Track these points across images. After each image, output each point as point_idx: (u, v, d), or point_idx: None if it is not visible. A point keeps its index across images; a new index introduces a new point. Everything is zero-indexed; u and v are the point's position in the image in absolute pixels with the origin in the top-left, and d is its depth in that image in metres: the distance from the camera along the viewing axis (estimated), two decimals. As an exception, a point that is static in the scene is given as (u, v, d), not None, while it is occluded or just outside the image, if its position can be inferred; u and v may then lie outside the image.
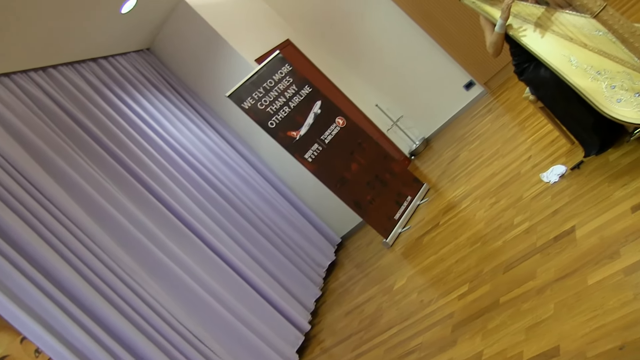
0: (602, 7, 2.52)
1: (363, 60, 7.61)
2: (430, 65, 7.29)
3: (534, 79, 3.26)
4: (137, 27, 5.85)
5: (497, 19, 3.23)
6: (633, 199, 2.62)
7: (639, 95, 2.66)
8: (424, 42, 7.11)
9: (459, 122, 7.26)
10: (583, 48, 2.91)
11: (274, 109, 5.33)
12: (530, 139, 4.53)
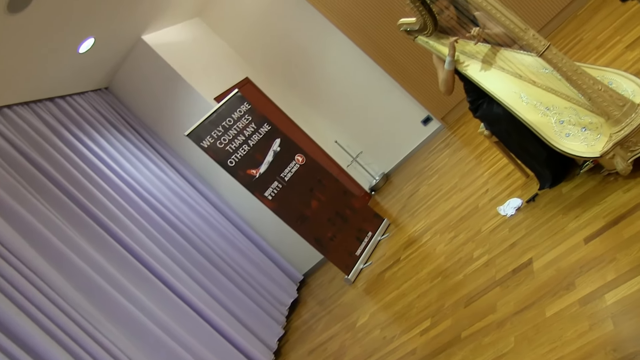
0: (546, 47, 2.62)
1: (322, 98, 7.70)
2: (388, 101, 7.42)
3: (488, 115, 3.34)
4: (95, 67, 5.81)
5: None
6: (585, 230, 2.68)
7: (586, 129, 2.76)
8: (382, 79, 7.24)
9: (418, 157, 7.36)
10: (532, 85, 3.02)
11: (233, 147, 5.32)
12: (487, 172, 4.62)
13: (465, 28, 3.35)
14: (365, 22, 6.88)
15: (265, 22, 7.41)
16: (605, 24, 5.06)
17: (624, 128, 2.58)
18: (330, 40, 7.26)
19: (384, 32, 6.79)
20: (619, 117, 2.60)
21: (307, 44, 7.41)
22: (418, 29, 3.48)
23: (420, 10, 3.30)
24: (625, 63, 3.94)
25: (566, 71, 2.65)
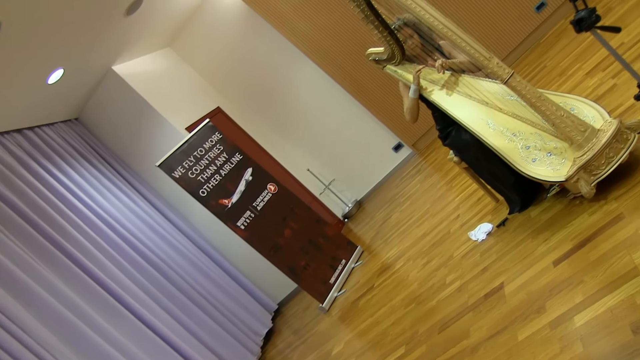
0: (510, 74, 2.69)
1: (294, 126, 7.74)
2: (359, 128, 7.49)
3: (457, 142, 3.40)
4: (65, 97, 5.77)
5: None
6: (554, 254, 2.73)
7: (551, 154, 2.83)
8: (353, 107, 7.32)
9: (390, 184, 7.42)
10: (499, 112, 3.09)
11: (205, 177, 5.31)
12: (458, 198, 4.68)
13: (432, 56, 3.44)
14: (335, 51, 6.97)
15: (236, 51, 7.46)
16: (567, 51, 5.21)
17: (586, 152, 2.65)
18: (301, 69, 7.33)
19: (354, 60, 6.89)
20: (581, 142, 2.68)
21: (278, 73, 7.48)
22: (386, 58, 3.54)
23: (388, 40, 3.37)
24: (586, 89, 4.06)
25: (530, 98, 2.72)
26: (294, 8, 6.86)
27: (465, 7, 6.46)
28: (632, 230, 2.35)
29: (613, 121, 2.70)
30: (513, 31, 6.53)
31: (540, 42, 6.39)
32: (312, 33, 6.95)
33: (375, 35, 3.36)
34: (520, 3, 6.37)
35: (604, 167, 2.65)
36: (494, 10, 6.45)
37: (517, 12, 6.43)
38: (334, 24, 6.79)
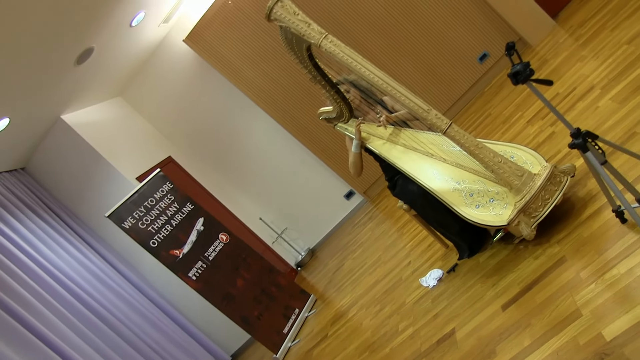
0: (448, 125, 2.81)
1: (246, 175, 7.75)
2: (311, 177, 7.55)
3: (404, 192, 3.50)
4: (11, 147, 5.63)
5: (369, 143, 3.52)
6: (502, 298, 2.79)
7: (493, 200, 2.93)
8: (304, 156, 7.39)
9: (343, 231, 7.46)
10: (442, 162, 3.22)
11: (156, 227, 5.23)
12: (409, 244, 4.74)
13: (376, 111, 3.56)
14: (285, 100, 7.08)
15: (187, 100, 7.48)
16: (509, 100, 5.44)
17: (524, 196, 2.77)
18: (253, 118, 7.39)
19: (304, 109, 7.00)
20: (519, 186, 2.80)
21: (230, 122, 7.52)
22: (336, 117, 3.66)
23: (335, 98, 3.48)
24: (527, 137, 4.23)
25: (468, 147, 2.84)
26: (245, 58, 6.96)
27: (413, 60, 6.69)
28: (573, 272, 2.43)
29: (548, 166, 2.84)
30: (459, 81, 6.78)
31: (485, 91, 6.65)
32: (262, 82, 7.05)
33: (324, 94, 3.47)
34: (464, 55, 6.64)
35: (541, 209, 2.76)
36: (440, 63, 6.70)
37: (462, 64, 6.69)
38: (284, 73, 6.92)
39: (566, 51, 5.16)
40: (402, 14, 6.57)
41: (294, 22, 2.97)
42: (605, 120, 3.33)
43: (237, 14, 6.81)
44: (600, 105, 3.56)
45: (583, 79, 4.20)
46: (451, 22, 6.54)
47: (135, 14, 5.61)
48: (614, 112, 3.30)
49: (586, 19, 5.45)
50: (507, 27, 6.43)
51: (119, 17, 5.33)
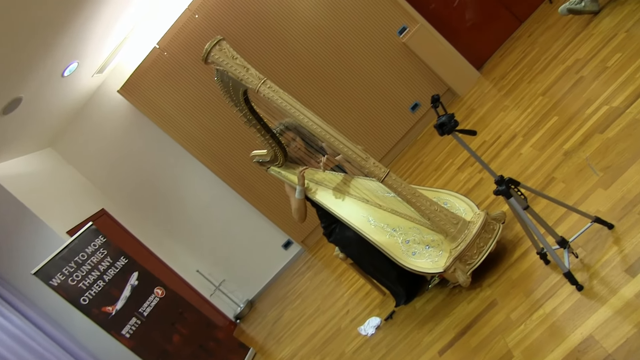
0: (386, 173, 2.88)
1: (182, 226, 7.62)
2: (248, 227, 7.51)
3: (341, 239, 3.53)
4: None
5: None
6: (439, 343, 2.83)
7: (429, 247, 3.00)
8: (241, 206, 7.35)
9: (281, 281, 7.40)
10: (379, 208, 3.27)
11: (87, 284, 5.04)
12: (347, 293, 4.75)
13: (314, 157, 3.61)
14: (221, 150, 7.07)
15: (121, 152, 7.36)
16: (440, 148, 5.64)
17: (460, 244, 2.84)
18: (188, 168, 7.34)
19: (240, 159, 7.01)
20: (454, 234, 2.87)
21: (165, 173, 7.43)
22: (269, 160, 3.69)
23: (270, 142, 3.52)
24: (458, 183, 4.38)
25: (405, 195, 2.91)
26: (180, 108, 6.96)
27: (349, 109, 6.86)
28: (504, 315, 2.50)
29: (481, 213, 2.94)
30: (392, 130, 6.98)
31: (417, 139, 6.86)
32: (198, 132, 7.04)
33: (258, 138, 3.49)
34: (397, 104, 6.86)
35: (477, 257, 2.84)
36: (375, 112, 6.89)
37: (395, 113, 6.91)
38: (220, 122, 6.94)
39: (491, 101, 5.43)
40: (339, 65, 6.77)
41: (232, 66, 3.00)
42: (528, 166, 3.50)
43: (172, 65, 6.83)
44: (522, 152, 3.74)
45: (507, 127, 4.42)
46: (385, 74, 6.77)
47: (68, 64, 5.53)
48: (535, 159, 3.48)
49: (507, 71, 5.78)
50: (437, 78, 6.72)
51: (51, 67, 5.25)
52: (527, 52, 5.71)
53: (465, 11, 7.03)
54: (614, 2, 4.57)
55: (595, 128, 3.13)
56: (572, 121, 3.47)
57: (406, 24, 6.60)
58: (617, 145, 2.79)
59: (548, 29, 5.70)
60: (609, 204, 2.45)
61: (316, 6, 6.64)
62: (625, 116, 2.94)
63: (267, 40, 6.71)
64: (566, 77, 4.15)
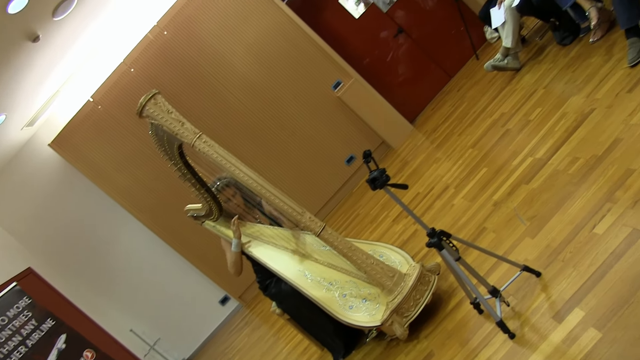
0: (322, 228, 2.89)
1: (115, 284, 7.34)
2: (184, 283, 7.31)
3: (277, 293, 3.48)
4: None
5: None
6: (378, 397, 2.81)
7: (366, 300, 3.00)
8: (176, 261, 7.17)
9: (219, 338, 7.20)
10: (315, 262, 3.27)
11: (6, 350, 4.74)
12: (286, 348, 4.67)
13: (251, 212, 3.59)
14: (156, 205, 6.92)
15: (52, 207, 7.09)
16: (375, 200, 5.72)
17: (396, 297, 2.86)
18: (122, 224, 7.13)
19: (175, 213, 6.83)
20: (391, 287, 2.89)
21: (98, 229, 7.19)
22: (204, 215, 3.64)
23: (205, 196, 3.48)
24: (393, 235, 4.44)
25: (342, 249, 2.92)
26: (114, 162, 6.80)
27: (285, 163, 6.89)
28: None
29: (416, 265, 2.97)
30: (328, 183, 7.03)
31: (353, 192, 6.94)
32: (132, 186, 6.88)
33: (193, 192, 3.45)
34: (332, 157, 6.95)
35: (413, 309, 2.86)
36: (310, 166, 6.95)
37: (331, 166, 6.98)
38: (154, 177, 6.82)
39: (424, 153, 5.58)
40: (274, 119, 6.82)
41: (167, 120, 2.97)
42: (460, 217, 3.59)
43: (106, 118, 6.72)
44: (455, 203, 3.84)
45: (439, 179, 4.54)
46: (320, 128, 6.87)
47: (-6, 118, 5.37)
48: (467, 210, 3.58)
49: (438, 124, 5.99)
50: (371, 132, 6.87)
51: (-25, 122, 5.08)
52: (457, 105, 5.95)
53: (398, 66, 7.29)
54: (533, 60, 4.86)
55: (521, 179, 3.26)
56: (500, 172, 3.61)
57: (340, 78, 6.77)
58: (541, 195, 2.91)
59: (476, 83, 5.97)
60: (536, 252, 2.54)
61: (253, 61, 6.73)
62: (547, 167, 3.08)
63: (204, 94, 6.72)
64: (494, 130, 4.34)
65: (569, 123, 3.31)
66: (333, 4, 7.10)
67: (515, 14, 4.74)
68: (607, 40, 3.86)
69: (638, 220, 2.12)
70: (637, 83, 3.01)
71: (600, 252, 2.16)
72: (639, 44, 3.26)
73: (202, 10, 6.63)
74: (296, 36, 6.76)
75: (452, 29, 7.16)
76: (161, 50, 6.63)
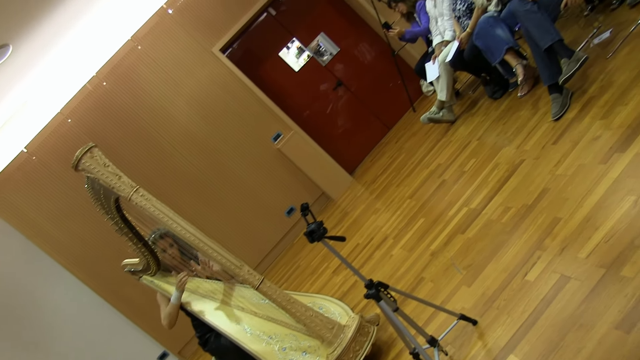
0: (260, 281, 2.86)
1: (47, 342, 6.97)
2: (121, 339, 7.01)
3: (217, 348, 3.41)
4: None
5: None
6: None
7: (306, 353, 2.96)
8: (113, 316, 6.89)
9: (157, 397, 6.92)
10: (254, 316, 3.22)
11: None
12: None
13: (188, 265, 3.53)
14: (92, 259, 6.68)
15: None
16: (316, 252, 5.71)
17: (336, 348, 2.84)
18: (57, 280, 6.83)
19: (112, 268, 6.59)
20: (330, 338, 2.86)
21: (29, 285, 6.87)
22: (142, 269, 3.55)
23: (142, 251, 3.41)
24: (333, 287, 4.43)
25: (280, 301, 2.89)
26: (47, 215, 6.57)
27: (224, 215, 6.83)
28: (382, 421, 2.49)
29: (355, 317, 2.97)
30: (269, 235, 7.00)
31: (294, 243, 6.92)
32: (66, 240, 6.64)
33: (130, 246, 3.37)
34: (272, 209, 6.94)
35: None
36: (250, 218, 6.91)
37: (271, 218, 6.96)
38: (89, 230, 6.61)
39: (363, 204, 5.65)
40: (214, 171, 6.80)
41: (103, 174, 2.92)
42: (399, 267, 3.62)
43: (41, 170, 6.52)
44: (394, 254, 3.88)
45: (378, 229, 4.59)
46: (261, 179, 6.89)
47: None
48: (405, 260, 3.62)
49: (377, 175, 6.10)
50: (312, 183, 6.92)
51: None
52: (395, 157, 6.08)
53: (338, 118, 7.44)
54: (467, 113, 5.06)
55: (457, 229, 3.33)
56: (437, 222, 3.68)
57: (281, 130, 6.84)
58: (476, 244, 2.98)
59: (413, 135, 6.14)
60: (472, 301, 2.58)
61: (193, 113, 6.73)
62: (482, 217, 3.17)
63: (143, 145, 6.64)
64: (430, 181, 4.45)
65: (501, 173, 3.43)
66: (273, 57, 7.24)
67: (449, 68, 4.95)
68: (533, 94, 4.07)
69: (565, 267, 2.19)
70: (560, 135, 3.17)
71: (532, 298, 2.22)
72: (560, 99, 3.46)
73: (142, 61, 6.63)
74: (237, 88, 6.83)
75: (390, 82, 7.39)
76: (100, 101, 6.56)
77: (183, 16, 6.74)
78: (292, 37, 7.23)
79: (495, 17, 4.09)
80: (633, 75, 3.03)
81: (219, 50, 6.83)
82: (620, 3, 4.02)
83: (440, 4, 5.05)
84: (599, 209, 2.31)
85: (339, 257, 2.26)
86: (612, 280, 1.92)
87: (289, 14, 7.28)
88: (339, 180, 6.91)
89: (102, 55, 6.55)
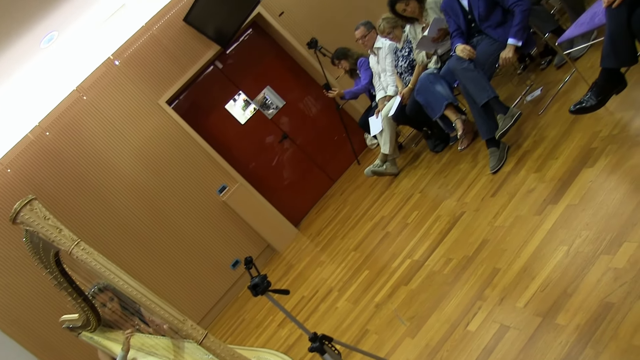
0: (204, 335, 2.81)
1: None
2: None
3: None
4: None
5: (117, 352, 3.28)
6: None
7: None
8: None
9: None
10: (198, 372, 3.13)
11: None
12: None
13: (130, 321, 3.43)
14: (27, 315, 6.37)
15: None
16: (261, 304, 5.65)
17: (281, 405, 2.79)
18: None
19: (49, 324, 6.35)
20: (275, 394, 2.82)
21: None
22: (81, 325, 3.43)
23: (82, 306, 3.29)
24: (279, 340, 4.37)
25: (224, 356, 2.83)
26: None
27: (168, 269, 6.67)
28: None
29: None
30: (213, 288, 6.87)
31: (239, 297, 6.81)
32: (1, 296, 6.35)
33: (70, 301, 3.26)
34: (217, 262, 6.84)
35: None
36: (195, 271, 6.77)
37: (216, 271, 6.86)
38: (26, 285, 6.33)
39: (308, 256, 5.66)
40: (158, 224, 6.68)
41: (43, 227, 2.83)
42: (344, 320, 3.62)
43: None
44: (338, 306, 3.89)
45: (323, 282, 4.59)
46: (206, 232, 6.81)
47: None
48: (350, 312, 3.63)
49: (322, 227, 6.14)
50: (257, 235, 6.89)
51: None
52: (339, 209, 6.15)
53: (283, 170, 7.49)
54: (410, 166, 5.20)
55: (401, 280, 3.38)
56: (381, 274, 3.72)
57: (226, 182, 6.83)
58: (419, 295, 3.03)
59: (357, 188, 6.24)
60: (416, 352, 2.60)
61: (138, 164, 6.65)
62: (424, 268, 3.23)
63: (87, 197, 6.48)
64: (374, 233, 4.51)
65: (442, 225, 3.52)
66: (220, 110, 7.29)
67: (392, 122, 5.11)
68: (473, 148, 4.23)
69: (504, 316, 2.26)
70: (498, 188, 3.31)
71: (473, 348, 2.26)
72: (497, 152, 3.61)
73: (87, 112, 6.56)
74: (183, 140, 6.82)
75: (335, 135, 7.53)
76: (42, 151, 6.41)
77: (130, 67, 6.74)
78: (238, 90, 7.31)
79: (435, 74, 4.27)
80: (562, 131, 3.22)
81: (165, 102, 6.83)
82: (548, 63, 4.29)
83: (383, 60, 5.25)
84: (535, 259, 2.41)
85: (283, 311, 2.26)
86: (548, 328, 1.99)
87: (235, 67, 7.39)
88: (285, 233, 6.91)
89: (45, 105, 6.44)
